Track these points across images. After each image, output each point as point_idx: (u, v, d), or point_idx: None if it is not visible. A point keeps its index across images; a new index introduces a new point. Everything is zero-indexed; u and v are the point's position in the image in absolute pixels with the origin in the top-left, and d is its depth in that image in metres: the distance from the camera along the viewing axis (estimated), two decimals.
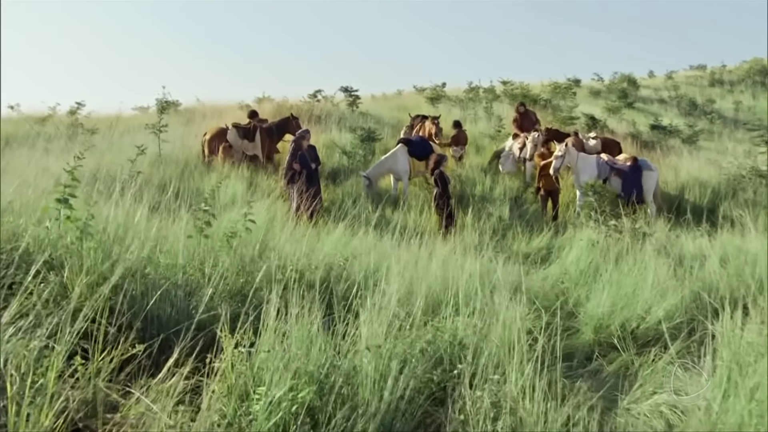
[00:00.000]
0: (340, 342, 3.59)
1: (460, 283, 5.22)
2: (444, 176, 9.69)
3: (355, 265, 5.87)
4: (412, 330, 3.76)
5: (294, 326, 3.37)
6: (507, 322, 3.99)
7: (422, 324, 3.90)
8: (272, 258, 5.39)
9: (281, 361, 3.06)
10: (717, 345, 3.70)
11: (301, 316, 3.46)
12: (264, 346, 3.20)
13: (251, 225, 5.47)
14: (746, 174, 11.99)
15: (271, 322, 3.35)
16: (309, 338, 3.33)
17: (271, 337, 3.27)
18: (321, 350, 3.25)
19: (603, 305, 5.36)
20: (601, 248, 7.19)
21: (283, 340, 3.27)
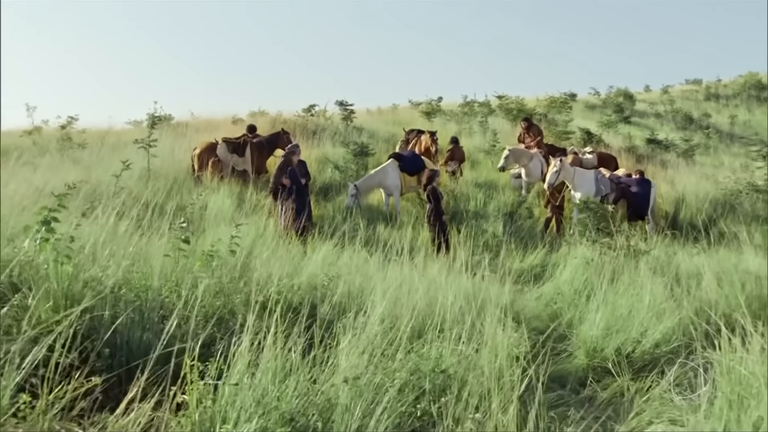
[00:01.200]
0: (318, 372, 3.38)
1: (448, 306, 5.02)
2: (437, 192, 9.51)
3: (340, 285, 5.66)
4: (394, 358, 3.55)
5: (267, 356, 3.16)
6: (495, 348, 3.79)
7: (406, 351, 3.69)
8: (253, 278, 5.19)
9: (250, 395, 2.85)
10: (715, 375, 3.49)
11: (275, 345, 3.25)
12: (233, 378, 2.99)
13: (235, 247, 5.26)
14: (743, 189, 11.84)
15: (244, 351, 3.14)
16: (284, 370, 3.12)
17: (242, 368, 3.06)
18: (296, 383, 3.03)
19: (597, 327, 5.17)
20: (595, 266, 7.00)
21: (255, 371, 3.06)
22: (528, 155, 13.35)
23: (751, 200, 11.48)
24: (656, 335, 5.01)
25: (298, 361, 3.17)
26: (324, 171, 13.70)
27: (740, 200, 11.62)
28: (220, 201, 10.34)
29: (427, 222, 9.50)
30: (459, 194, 12.35)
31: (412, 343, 4.06)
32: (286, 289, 5.26)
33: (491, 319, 4.14)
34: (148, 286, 4.66)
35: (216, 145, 12.37)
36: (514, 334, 4.16)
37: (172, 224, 6.09)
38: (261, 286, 5.24)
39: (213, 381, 3.00)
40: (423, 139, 14.47)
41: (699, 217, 11.28)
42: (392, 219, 11.00)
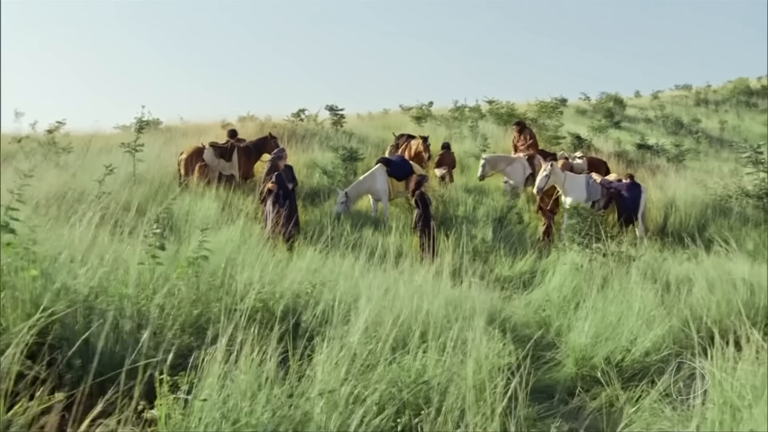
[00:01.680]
0: (296, 384, 3.24)
1: (433, 313, 4.89)
2: (425, 197, 9.39)
3: (324, 293, 5.53)
4: (375, 369, 3.42)
5: (241, 368, 3.02)
6: (479, 358, 3.67)
7: (387, 362, 3.56)
8: (233, 286, 5.04)
9: (220, 411, 2.71)
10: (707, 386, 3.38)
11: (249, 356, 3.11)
12: (204, 392, 2.85)
13: (208, 253, 5.10)
14: (733, 194, 11.79)
15: (215, 363, 3.00)
16: (258, 383, 2.98)
17: (213, 381, 2.92)
18: (270, 397, 2.89)
19: (586, 335, 5.05)
20: (585, 272, 6.90)
21: (226, 385, 2.92)
22: (506, 160, 13.44)
23: (742, 205, 11.42)
24: (646, 343, 4.90)
25: (272, 374, 3.03)
26: (312, 176, 13.56)
27: (730, 205, 11.56)
28: (206, 206, 10.19)
29: (415, 227, 9.38)
30: (448, 199, 12.23)
31: (394, 352, 3.93)
32: (267, 297, 5.12)
33: (476, 328, 4.01)
34: (124, 294, 4.51)
35: (203, 149, 12.20)
36: (499, 344, 4.02)
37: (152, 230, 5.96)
38: (242, 293, 5.11)
39: (183, 395, 2.86)
40: (413, 144, 14.38)
41: (689, 223, 11.22)
42: (380, 224, 10.87)
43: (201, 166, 11.80)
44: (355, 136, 18.56)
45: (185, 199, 10.62)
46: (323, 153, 15.66)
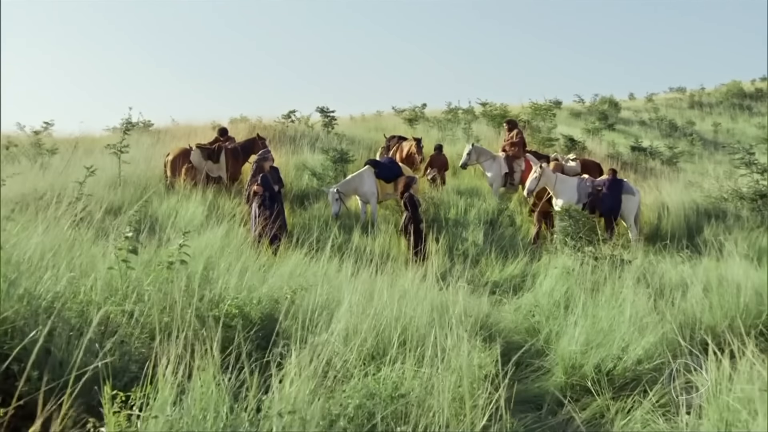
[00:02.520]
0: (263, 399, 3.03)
1: (417, 320, 4.69)
2: (414, 199, 9.19)
3: (305, 297, 5.32)
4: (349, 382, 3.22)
5: (202, 380, 2.81)
6: (460, 369, 3.47)
7: (363, 374, 3.35)
8: (209, 291, 4.83)
9: (174, 430, 2.50)
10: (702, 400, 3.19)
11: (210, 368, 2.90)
12: (156, 408, 2.64)
13: (186, 257, 4.89)
14: (728, 196, 11.63)
15: (170, 376, 2.79)
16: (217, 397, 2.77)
17: (168, 395, 2.71)
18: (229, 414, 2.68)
19: (576, 343, 4.85)
20: (576, 277, 6.70)
21: (182, 400, 2.71)
22: (489, 155, 13.55)
23: (736, 208, 11.26)
24: (638, 351, 4.70)
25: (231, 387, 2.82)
26: (301, 178, 13.35)
27: (725, 208, 11.40)
28: (191, 208, 9.98)
29: (404, 230, 9.18)
30: (439, 201, 12.03)
31: (372, 362, 3.73)
32: (243, 303, 4.91)
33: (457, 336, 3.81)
34: (90, 300, 4.30)
35: (189, 151, 11.99)
36: (482, 354, 3.82)
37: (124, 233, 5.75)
38: (217, 299, 4.90)
39: (136, 411, 2.65)
40: (405, 145, 14.21)
41: (683, 225, 11.05)
42: (369, 227, 10.67)
43: (188, 168, 11.58)
44: (346, 138, 18.37)
45: (170, 201, 10.42)
46: (313, 155, 15.46)
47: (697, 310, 5.86)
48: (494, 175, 13.34)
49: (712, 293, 6.13)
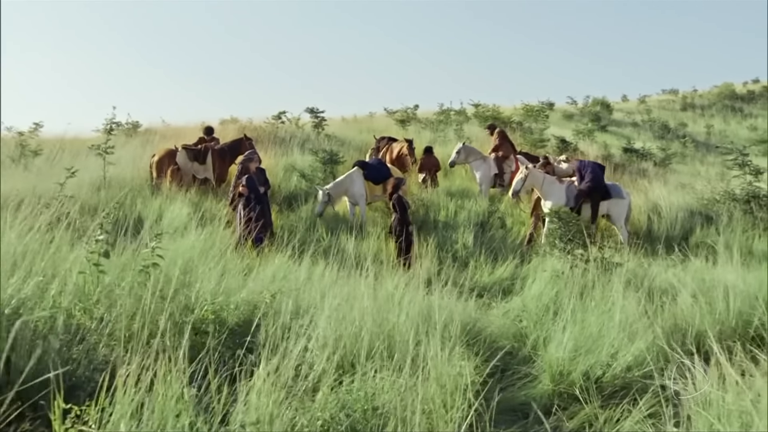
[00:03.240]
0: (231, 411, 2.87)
1: (399, 326, 4.54)
2: (402, 201, 9.03)
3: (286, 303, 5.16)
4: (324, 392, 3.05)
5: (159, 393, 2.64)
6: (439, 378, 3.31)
7: (337, 383, 3.20)
8: (185, 296, 4.66)
9: None
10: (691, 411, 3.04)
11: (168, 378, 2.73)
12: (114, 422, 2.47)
13: (162, 261, 4.73)
14: (720, 198, 11.52)
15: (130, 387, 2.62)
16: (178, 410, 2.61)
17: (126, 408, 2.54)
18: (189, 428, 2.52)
19: (564, 349, 4.71)
20: (566, 280, 6.56)
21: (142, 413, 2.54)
22: (479, 155, 13.65)
23: (729, 210, 11.14)
24: (628, 357, 4.56)
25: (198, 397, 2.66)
26: (290, 179, 13.18)
27: (717, 210, 11.28)
28: (176, 210, 9.79)
29: (392, 232, 9.02)
30: (429, 203, 11.89)
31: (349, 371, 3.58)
32: (220, 308, 4.75)
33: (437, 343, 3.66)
34: (58, 306, 4.13)
35: (175, 152, 11.80)
36: (462, 362, 3.66)
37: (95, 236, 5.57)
38: (193, 304, 4.73)
39: (91, 427, 2.48)
40: (395, 146, 14.07)
41: (675, 228, 10.93)
42: (357, 229, 10.51)
43: (173, 169, 11.39)
44: (337, 139, 18.22)
45: (154, 203, 10.23)
46: (303, 156, 15.29)
47: (687, 315, 5.72)
48: (483, 176, 13.36)
49: (702, 298, 6.00)
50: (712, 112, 37.81)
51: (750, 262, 8.61)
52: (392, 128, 20.49)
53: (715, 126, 32.62)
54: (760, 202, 10.84)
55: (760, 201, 10.85)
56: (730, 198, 11.28)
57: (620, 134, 27.21)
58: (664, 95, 42.63)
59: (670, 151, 20.63)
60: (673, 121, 33.14)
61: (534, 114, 22.31)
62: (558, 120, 28.47)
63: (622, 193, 10.59)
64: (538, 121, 21.58)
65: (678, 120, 33.75)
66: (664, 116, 34.37)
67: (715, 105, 39.25)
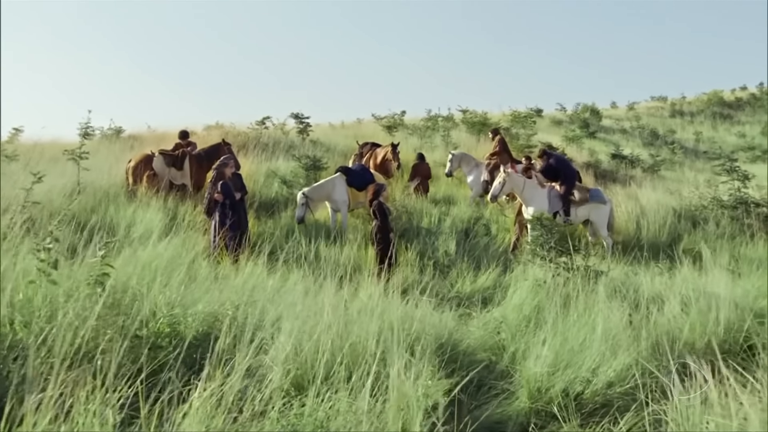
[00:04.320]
0: None
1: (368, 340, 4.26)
2: (383, 207, 8.75)
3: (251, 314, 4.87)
4: (270, 417, 2.77)
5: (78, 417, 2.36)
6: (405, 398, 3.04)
7: (287, 407, 2.91)
8: (134, 308, 4.36)
9: None
10: None
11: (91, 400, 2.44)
12: None
13: (112, 271, 4.43)
14: (708, 204, 11.32)
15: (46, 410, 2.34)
16: None
17: None
18: None
19: (542, 363, 4.44)
20: (548, 289, 6.30)
21: None
22: (473, 161, 13.66)
23: (717, 217, 10.93)
24: (609, 373, 4.30)
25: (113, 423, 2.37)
26: (270, 185, 12.89)
27: (705, 216, 11.08)
28: (149, 217, 9.48)
29: (373, 239, 8.74)
30: (413, 210, 11.62)
31: (304, 392, 3.29)
32: (177, 321, 4.45)
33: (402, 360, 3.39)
34: None
35: (152, 157, 11.48)
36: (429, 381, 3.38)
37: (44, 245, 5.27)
38: (147, 316, 4.43)
39: None
40: (379, 152, 13.82)
41: (662, 235, 10.71)
42: (338, 236, 10.23)
43: (149, 175, 11.07)
44: (322, 145, 17.96)
45: (128, 210, 9.91)
46: (287, 162, 15.02)
47: (674, 326, 5.48)
48: (474, 181, 13.22)
49: (690, 307, 5.76)
50: (701, 119, 37.87)
51: (739, 269, 8.40)
52: (379, 134, 20.25)
53: (704, 133, 32.66)
54: (748, 208, 10.65)
55: (748, 207, 10.66)
56: (718, 204, 11.09)
57: (609, 141, 27.11)
58: (653, 102, 42.69)
59: (659, 158, 20.51)
60: (662, 127, 33.15)
61: (522, 120, 22.14)
62: (547, 126, 28.34)
63: (603, 197, 10.35)
64: (525, 127, 21.40)
65: (667, 127, 33.78)
66: (652, 123, 34.38)
67: (704, 112, 39.32)
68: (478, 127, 21.00)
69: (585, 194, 10.24)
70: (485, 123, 20.97)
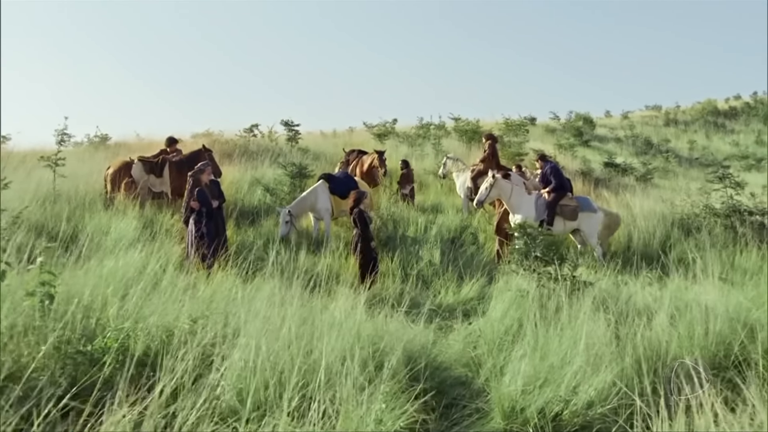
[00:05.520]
0: None
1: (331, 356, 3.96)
2: (363, 215, 8.46)
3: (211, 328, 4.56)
4: None
5: None
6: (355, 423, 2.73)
7: None
8: (79, 322, 4.06)
9: None
10: None
11: None
12: None
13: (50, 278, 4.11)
14: (700, 212, 11.05)
15: None
16: None
17: None
18: None
19: (518, 380, 4.14)
20: (531, 301, 6.00)
21: None
22: (461, 165, 13.68)
23: (709, 225, 10.65)
24: (590, 392, 4.00)
25: None
26: (254, 193, 12.59)
27: (697, 224, 10.80)
28: (124, 226, 9.16)
29: (354, 249, 8.45)
30: (399, 218, 11.33)
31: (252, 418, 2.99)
32: (127, 336, 4.14)
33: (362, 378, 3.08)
34: None
35: (131, 164, 11.18)
36: (383, 405, 3.08)
37: None
38: (93, 330, 4.13)
39: None
40: (366, 159, 13.53)
41: (653, 243, 10.43)
42: (322, 245, 9.93)
43: (127, 183, 10.77)
44: (311, 153, 17.69)
45: (103, 218, 9.59)
46: (273, 170, 14.72)
47: (662, 339, 5.18)
48: (460, 186, 13.14)
49: (680, 320, 5.46)
50: (695, 127, 37.79)
51: (732, 278, 8.12)
52: (370, 143, 20.00)
53: (698, 142, 32.54)
54: (741, 217, 10.37)
55: (741, 216, 10.38)
56: (711, 212, 10.81)
57: (602, 149, 26.93)
58: (648, 111, 42.62)
59: (652, 166, 20.31)
60: (656, 136, 33.03)
61: (514, 128, 21.91)
62: (540, 135, 28.17)
63: (592, 206, 10.06)
64: (518, 136, 21.18)
65: (661, 136, 33.65)
66: (647, 132, 34.26)
67: (698, 121, 39.26)
68: (470, 135, 20.76)
69: (574, 204, 9.95)
70: (477, 131, 20.73)
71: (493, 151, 13.16)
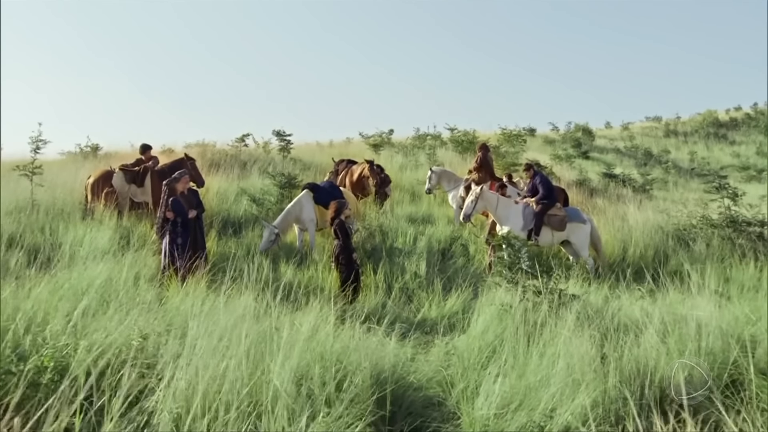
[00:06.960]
0: None
1: (283, 377, 3.64)
2: (344, 226, 8.14)
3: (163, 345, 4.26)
4: None
5: None
6: None
7: None
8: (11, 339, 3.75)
9: None
10: None
11: None
12: None
13: None
14: (697, 223, 10.71)
15: None
16: None
17: None
18: None
19: (492, 403, 3.82)
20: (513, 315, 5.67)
21: None
22: (451, 178, 13.14)
23: (706, 237, 10.31)
24: (567, 416, 3.67)
25: None
26: (239, 203, 12.30)
27: (693, 236, 10.47)
28: (99, 237, 8.87)
29: (335, 261, 8.12)
30: (387, 228, 11.02)
31: None
32: (68, 354, 3.83)
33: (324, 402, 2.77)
34: None
35: (112, 173, 10.91)
36: None
37: None
38: (29, 350, 3.82)
39: None
40: (355, 169, 13.25)
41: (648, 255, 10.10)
42: (304, 257, 9.61)
43: (107, 192, 10.48)
44: (302, 163, 17.43)
45: (79, 228, 9.29)
46: (262, 179, 14.45)
47: (651, 357, 4.85)
48: (452, 198, 12.76)
49: (671, 336, 5.13)
50: (696, 139, 37.56)
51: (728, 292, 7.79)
52: (366, 153, 19.75)
53: (699, 153, 32.28)
54: (739, 228, 10.04)
55: (739, 227, 10.05)
56: (708, 223, 10.48)
57: (602, 160, 26.66)
58: (648, 122, 42.45)
59: (650, 177, 20.04)
60: (657, 147, 32.79)
61: (511, 139, 21.66)
62: (539, 146, 27.92)
63: (581, 217, 9.72)
64: (515, 146, 20.90)
65: (661, 147, 33.41)
66: (647, 143, 34.04)
67: (698, 132, 39.04)
68: (465, 145, 20.50)
69: (562, 214, 9.61)
70: (472, 141, 20.47)
71: (484, 160, 12.84)
